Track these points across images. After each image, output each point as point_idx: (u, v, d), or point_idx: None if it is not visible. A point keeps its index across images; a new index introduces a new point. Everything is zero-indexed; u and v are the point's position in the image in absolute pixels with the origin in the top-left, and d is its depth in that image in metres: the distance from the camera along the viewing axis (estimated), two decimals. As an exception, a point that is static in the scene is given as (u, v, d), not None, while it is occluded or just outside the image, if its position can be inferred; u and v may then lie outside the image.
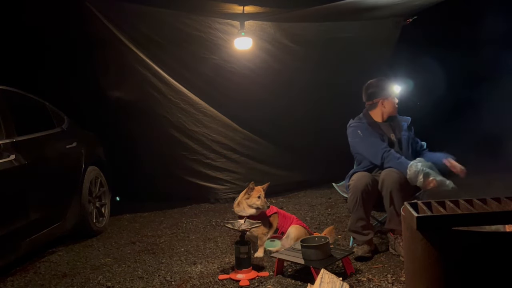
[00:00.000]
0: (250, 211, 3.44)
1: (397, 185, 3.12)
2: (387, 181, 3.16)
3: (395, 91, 3.66)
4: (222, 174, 5.60)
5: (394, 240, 3.29)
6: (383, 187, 3.19)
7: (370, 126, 3.51)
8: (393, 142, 3.49)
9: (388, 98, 3.55)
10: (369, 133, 3.46)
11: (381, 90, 3.56)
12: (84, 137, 4.62)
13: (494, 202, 2.01)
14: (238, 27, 5.15)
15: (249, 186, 3.50)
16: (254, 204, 3.44)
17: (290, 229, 3.49)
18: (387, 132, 3.53)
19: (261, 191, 3.49)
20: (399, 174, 3.16)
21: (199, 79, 5.36)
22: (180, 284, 3.03)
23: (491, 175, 4.76)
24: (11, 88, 3.73)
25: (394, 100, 3.58)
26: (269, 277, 3.03)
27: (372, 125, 3.52)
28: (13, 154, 3.31)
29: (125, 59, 5.01)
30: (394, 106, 3.59)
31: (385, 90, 3.56)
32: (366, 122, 3.54)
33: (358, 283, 2.83)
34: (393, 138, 3.52)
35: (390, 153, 3.31)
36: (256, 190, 3.48)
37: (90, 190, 4.38)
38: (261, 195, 3.46)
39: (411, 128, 3.61)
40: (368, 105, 3.62)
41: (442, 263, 1.77)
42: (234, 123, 5.62)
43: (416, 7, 5.49)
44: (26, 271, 3.46)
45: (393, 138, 3.52)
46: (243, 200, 3.49)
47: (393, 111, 3.59)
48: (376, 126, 3.54)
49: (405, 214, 1.99)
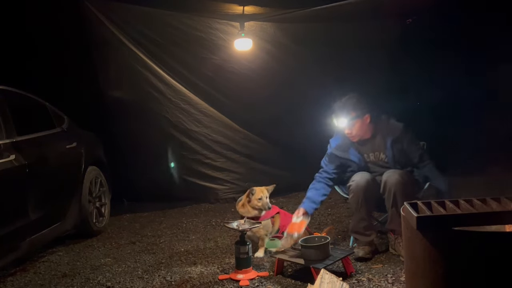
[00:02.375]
0: (253, 213, 3.46)
1: (400, 186, 3.09)
2: (390, 183, 3.13)
3: (339, 125, 3.33)
4: (222, 174, 5.60)
5: (394, 240, 3.29)
6: (385, 188, 3.16)
7: (341, 146, 3.38)
8: (366, 164, 3.33)
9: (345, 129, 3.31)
10: (332, 156, 3.40)
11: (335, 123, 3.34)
12: (84, 137, 4.62)
13: (494, 202, 2.01)
14: (238, 28, 5.15)
15: (250, 191, 3.48)
16: (255, 205, 3.45)
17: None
18: (363, 151, 3.36)
19: (265, 192, 3.48)
20: (402, 175, 3.14)
21: (199, 79, 5.37)
22: (180, 284, 3.03)
23: (491, 175, 4.76)
24: (11, 88, 3.72)
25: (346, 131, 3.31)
26: (269, 277, 3.03)
27: (343, 145, 3.38)
28: (13, 154, 3.31)
29: (125, 59, 5.02)
30: (349, 136, 3.33)
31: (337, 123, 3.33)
32: (339, 141, 3.41)
33: (358, 283, 2.83)
34: (371, 159, 3.35)
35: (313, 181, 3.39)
36: (258, 191, 3.47)
37: (90, 190, 4.38)
38: (263, 197, 3.45)
39: (401, 140, 3.25)
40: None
41: (442, 263, 1.77)
42: (234, 123, 5.62)
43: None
44: (26, 271, 3.46)
45: (371, 159, 3.35)
46: (246, 203, 3.49)
47: (354, 137, 3.32)
48: (349, 146, 3.37)
49: (405, 214, 1.99)
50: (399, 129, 3.27)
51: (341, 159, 3.40)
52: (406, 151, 3.25)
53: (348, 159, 3.37)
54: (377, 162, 3.35)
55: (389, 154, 3.27)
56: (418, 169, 3.28)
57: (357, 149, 3.37)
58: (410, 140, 3.26)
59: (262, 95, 5.59)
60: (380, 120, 3.35)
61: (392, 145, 3.25)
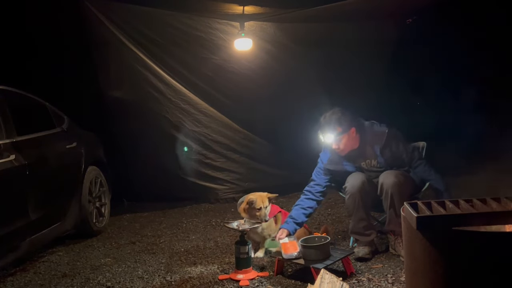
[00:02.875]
0: (254, 219, 3.35)
1: (397, 187, 3.09)
2: (387, 184, 3.13)
3: (327, 141, 3.33)
4: (222, 174, 5.60)
5: (394, 240, 3.29)
6: (382, 190, 3.16)
7: (333, 160, 3.39)
8: (362, 170, 3.35)
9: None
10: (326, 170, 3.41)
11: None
12: (84, 137, 4.61)
13: (494, 202, 2.01)
14: (238, 28, 5.15)
15: (250, 202, 3.34)
16: (254, 215, 3.32)
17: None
18: (355, 161, 3.38)
19: (265, 201, 3.33)
20: (398, 176, 3.14)
21: (199, 79, 5.37)
22: (180, 284, 3.03)
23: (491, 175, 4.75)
24: (11, 88, 3.72)
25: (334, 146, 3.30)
26: (269, 277, 3.03)
27: (334, 159, 3.39)
28: (13, 154, 3.31)
29: (125, 59, 5.02)
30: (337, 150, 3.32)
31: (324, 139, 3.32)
32: (329, 156, 3.42)
33: (358, 283, 2.83)
34: (364, 167, 3.37)
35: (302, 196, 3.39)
36: (258, 201, 3.31)
37: (90, 190, 4.38)
38: (262, 208, 3.30)
39: (389, 144, 3.25)
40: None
41: (442, 263, 1.77)
42: (234, 123, 5.62)
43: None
44: (26, 271, 3.46)
45: (364, 167, 3.37)
46: (246, 209, 3.38)
47: (343, 151, 3.32)
48: (341, 159, 3.38)
49: (405, 214, 1.99)
50: (384, 134, 3.26)
51: (336, 172, 3.42)
52: (395, 154, 3.26)
53: (343, 171, 3.38)
54: (371, 168, 3.36)
55: (381, 160, 3.29)
56: (412, 169, 3.29)
57: (349, 160, 3.37)
58: (397, 142, 3.27)
59: (262, 95, 5.59)
60: (364, 128, 3.35)
61: (381, 152, 3.26)
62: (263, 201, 3.33)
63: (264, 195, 3.37)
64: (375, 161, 3.34)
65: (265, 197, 3.36)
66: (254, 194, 3.43)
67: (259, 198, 3.34)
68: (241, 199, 3.58)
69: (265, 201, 3.34)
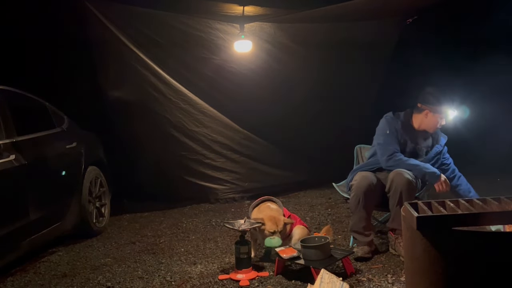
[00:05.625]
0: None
1: (407, 186, 3.10)
2: (397, 182, 3.13)
3: (447, 113, 3.38)
4: (222, 174, 5.60)
5: (394, 240, 3.29)
6: (391, 187, 3.16)
7: (403, 128, 3.40)
8: (416, 152, 3.39)
9: (435, 114, 3.34)
10: (393, 135, 3.34)
11: (434, 101, 3.33)
12: (84, 137, 4.62)
13: (494, 202, 2.01)
14: (238, 28, 5.15)
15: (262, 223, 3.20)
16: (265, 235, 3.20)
17: (295, 230, 3.42)
18: (417, 140, 3.41)
19: (280, 225, 3.20)
20: (410, 176, 3.14)
21: (199, 79, 5.36)
22: (180, 284, 3.03)
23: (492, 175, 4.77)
24: (11, 88, 3.73)
25: (440, 119, 3.36)
26: (269, 277, 3.03)
27: (405, 127, 3.41)
28: (13, 154, 3.31)
29: (125, 59, 5.01)
30: (435, 125, 3.38)
31: (437, 105, 3.32)
32: (401, 121, 3.42)
33: (358, 283, 2.83)
34: (420, 147, 3.40)
35: (399, 157, 3.28)
36: (271, 224, 3.18)
37: (90, 190, 4.38)
38: (277, 232, 3.16)
39: (444, 146, 3.50)
40: (417, 107, 3.44)
41: (442, 263, 1.77)
42: (234, 123, 5.62)
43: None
44: (26, 271, 3.46)
45: (420, 147, 3.40)
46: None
47: (431, 128, 3.40)
48: (409, 129, 3.42)
49: (405, 214, 1.99)
50: (446, 137, 3.56)
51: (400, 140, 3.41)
52: (443, 155, 3.49)
53: (409, 139, 3.40)
54: (420, 153, 3.42)
55: (438, 148, 3.44)
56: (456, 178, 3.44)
57: (414, 140, 3.43)
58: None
59: (262, 95, 5.59)
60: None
61: (443, 144, 3.50)
62: (277, 225, 3.20)
63: (281, 220, 3.24)
64: (429, 149, 3.43)
65: (281, 221, 3.23)
66: (271, 210, 3.32)
67: (273, 222, 3.20)
68: (255, 203, 3.50)
69: (280, 225, 3.21)
